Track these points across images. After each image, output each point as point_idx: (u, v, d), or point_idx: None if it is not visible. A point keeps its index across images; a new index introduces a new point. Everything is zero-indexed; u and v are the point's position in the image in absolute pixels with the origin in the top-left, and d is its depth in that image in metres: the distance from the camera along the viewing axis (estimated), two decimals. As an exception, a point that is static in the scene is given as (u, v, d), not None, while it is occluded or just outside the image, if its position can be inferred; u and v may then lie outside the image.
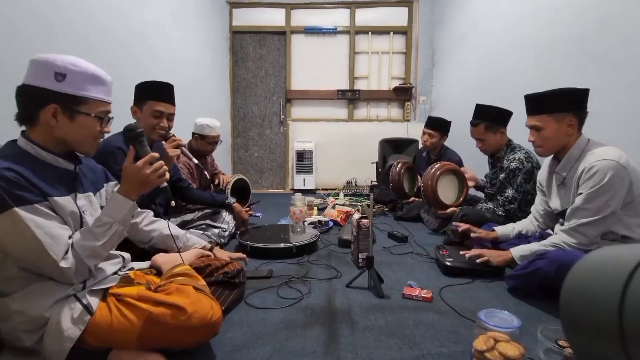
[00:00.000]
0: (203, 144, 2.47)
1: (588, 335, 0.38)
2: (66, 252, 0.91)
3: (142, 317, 0.94)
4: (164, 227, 1.36)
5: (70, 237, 0.94)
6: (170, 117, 1.69)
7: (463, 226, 1.92)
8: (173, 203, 1.26)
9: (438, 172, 2.47)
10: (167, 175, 1.08)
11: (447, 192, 2.52)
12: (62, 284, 0.95)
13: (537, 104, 1.50)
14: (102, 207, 1.10)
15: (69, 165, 1.03)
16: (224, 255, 1.51)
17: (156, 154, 1.06)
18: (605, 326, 0.34)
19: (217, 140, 2.52)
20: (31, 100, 0.94)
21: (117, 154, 1.51)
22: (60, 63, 0.93)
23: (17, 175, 0.87)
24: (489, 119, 2.17)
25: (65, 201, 0.97)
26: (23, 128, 0.99)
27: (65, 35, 1.80)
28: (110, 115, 1.05)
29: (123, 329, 0.94)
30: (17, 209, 0.85)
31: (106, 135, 1.10)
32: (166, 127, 1.67)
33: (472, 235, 1.84)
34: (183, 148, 1.80)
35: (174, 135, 1.73)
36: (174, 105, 1.72)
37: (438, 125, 3.03)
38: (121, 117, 1.14)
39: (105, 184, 1.19)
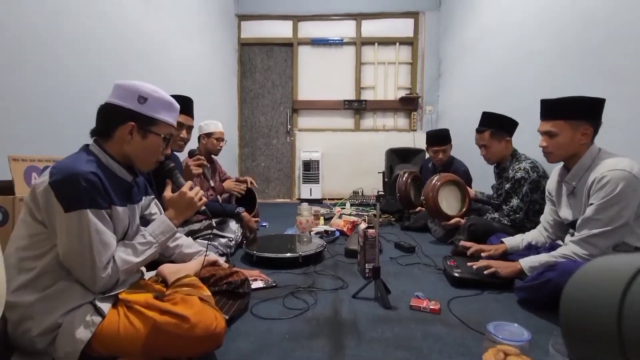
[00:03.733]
0: (211, 141, 2.53)
1: (588, 342, 0.37)
2: (108, 262, 0.96)
3: (148, 325, 0.95)
4: (186, 243, 1.39)
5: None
6: (189, 129, 1.79)
7: (472, 248, 1.85)
8: (214, 223, 1.34)
9: (438, 184, 2.46)
10: (205, 200, 1.19)
11: (450, 203, 2.51)
12: (85, 289, 0.97)
13: (553, 108, 1.48)
14: (141, 219, 1.18)
15: (129, 177, 1.10)
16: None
17: (190, 183, 1.19)
18: (604, 333, 0.34)
19: (223, 138, 2.59)
20: (113, 117, 1.03)
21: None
22: (143, 89, 1.05)
23: (99, 180, 0.94)
24: (495, 126, 2.18)
25: (122, 211, 1.04)
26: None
27: (87, 44, 1.87)
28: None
29: (129, 336, 0.95)
30: (88, 211, 0.92)
31: None
32: (185, 138, 1.77)
33: (482, 254, 1.79)
34: (205, 170, 1.91)
35: (199, 154, 1.85)
36: (193, 118, 1.81)
37: (445, 138, 2.96)
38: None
39: (144, 197, 1.24)
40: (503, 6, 2.98)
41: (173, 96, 1.74)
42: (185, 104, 1.78)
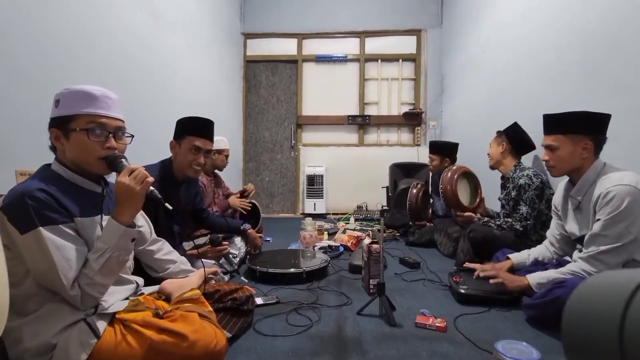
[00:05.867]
0: (221, 157, 2.62)
1: (589, 357, 0.37)
2: (75, 280, 0.93)
3: (145, 345, 0.93)
4: (180, 260, 1.37)
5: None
6: (207, 153, 1.71)
7: (478, 270, 1.77)
8: (169, 206, 1.13)
9: (455, 176, 2.55)
10: (150, 178, 1.00)
11: (463, 195, 2.59)
12: (74, 307, 0.95)
13: (554, 123, 1.50)
14: None
15: (97, 187, 1.07)
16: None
17: (134, 166, 1.00)
18: (606, 348, 0.33)
19: (228, 154, 2.71)
20: (48, 131, 1.02)
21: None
22: (59, 91, 1.00)
23: (48, 195, 0.91)
24: (505, 130, 2.33)
25: (90, 222, 1.00)
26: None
27: (94, 63, 1.91)
28: (114, 131, 1.02)
29: (126, 356, 0.93)
30: (41, 229, 0.88)
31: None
32: (202, 163, 1.67)
33: (481, 274, 1.72)
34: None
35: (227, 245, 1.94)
36: (212, 142, 1.75)
37: (437, 149, 3.11)
38: (142, 136, 1.16)
39: None
40: (503, 23, 3.02)
41: (193, 118, 1.71)
42: (205, 127, 1.70)
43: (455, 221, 2.60)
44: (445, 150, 3.08)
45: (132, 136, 1.09)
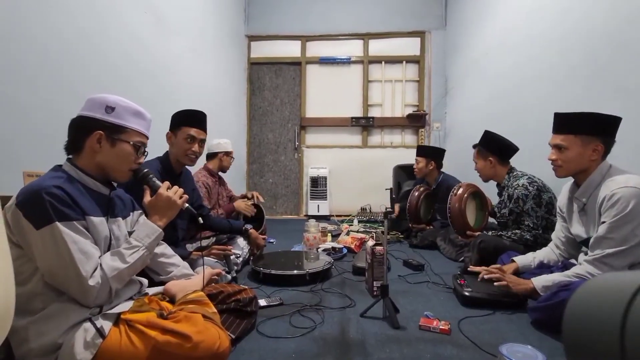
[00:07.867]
0: (228, 159, 2.70)
1: (590, 359, 0.37)
2: (94, 270, 0.96)
3: (149, 346, 0.94)
4: (182, 264, 1.39)
5: (99, 257, 0.99)
6: (201, 142, 1.82)
7: (482, 273, 1.74)
8: (201, 220, 1.33)
9: (465, 195, 2.36)
10: (186, 196, 1.20)
11: (470, 215, 2.47)
12: (80, 307, 0.96)
13: (566, 122, 1.47)
14: (129, 233, 1.16)
15: (105, 190, 1.11)
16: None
17: (168, 183, 1.19)
18: (607, 350, 0.33)
19: (232, 155, 2.78)
20: (82, 128, 1.06)
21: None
22: (111, 99, 1.07)
23: (64, 193, 0.95)
24: (483, 144, 2.29)
25: (100, 221, 1.03)
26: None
27: (97, 67, 1.93)
28: (146, 149, 1.16)
29: (130, 356, 0.93)
30: (58, 224, 0.91)
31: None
32: (197, 151, 1.80)
33: (486, 276, 1.70)
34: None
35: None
36: (205, 133, 1.85)
37: (422, 152, 3.14)
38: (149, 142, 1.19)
39: (131, 212, 1.24)
40: (507, 25, 3.01)
41: (187, 110, 1.79)
42: (198, 118, 1.81)
43: (454, 243, 2.57)
44: (430, 154, 3.10)
45: (146, 153, 1.19)
